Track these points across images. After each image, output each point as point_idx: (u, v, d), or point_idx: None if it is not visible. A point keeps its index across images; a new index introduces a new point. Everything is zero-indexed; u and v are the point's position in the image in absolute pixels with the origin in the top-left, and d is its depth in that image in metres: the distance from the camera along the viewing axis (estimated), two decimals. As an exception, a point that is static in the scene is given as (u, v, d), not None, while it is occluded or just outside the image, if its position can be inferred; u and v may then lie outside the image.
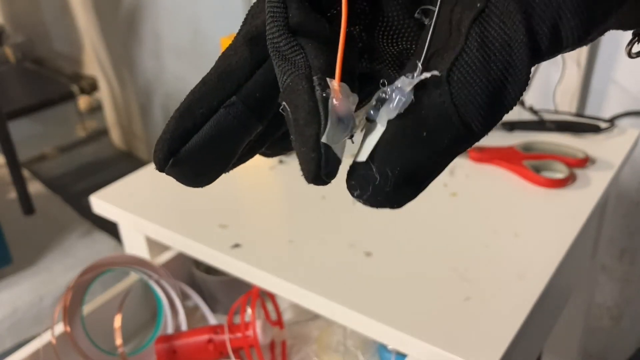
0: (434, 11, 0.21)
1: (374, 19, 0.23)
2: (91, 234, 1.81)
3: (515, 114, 1.00)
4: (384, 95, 0.20)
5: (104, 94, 2.69)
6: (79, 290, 0.75)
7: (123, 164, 2.58)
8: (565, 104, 1.19)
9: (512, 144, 0.89)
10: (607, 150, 0.88)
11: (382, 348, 0.79)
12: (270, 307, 0.85)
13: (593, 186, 0.81)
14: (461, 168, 0.86)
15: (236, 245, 0.72)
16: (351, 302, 0.63)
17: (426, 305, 0.62)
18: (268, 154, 0.28)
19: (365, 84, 0.24)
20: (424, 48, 0.20)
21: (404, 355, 0.66)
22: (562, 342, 1.14)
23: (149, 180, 0.88)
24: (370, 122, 0.20)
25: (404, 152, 0.20)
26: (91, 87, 2.79)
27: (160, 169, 0.23)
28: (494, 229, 0.73)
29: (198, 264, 0.88)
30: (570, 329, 1.11)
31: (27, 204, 1.68)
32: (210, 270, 0.89)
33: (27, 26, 3.05)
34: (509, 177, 0.83)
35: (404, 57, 0.24)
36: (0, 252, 1.56)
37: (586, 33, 0.20)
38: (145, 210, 0.81)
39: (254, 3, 0.24)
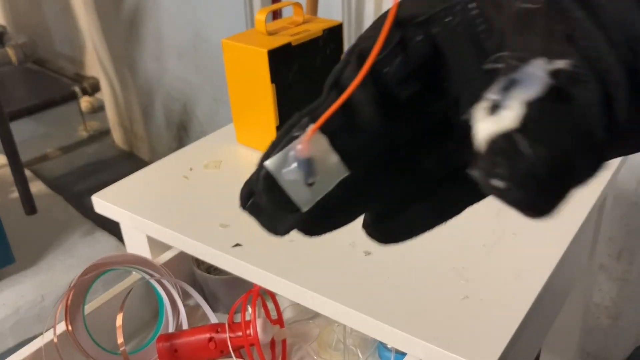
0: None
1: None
2: (93, 233, 1.82)
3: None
4: (514, 75, 0.18)
5: (105, 95, 2.70)
6: (81, 289, 0.76)
7: (125, 164, 2.58)
8: (564, 105, 1.19)
9: (511, 144, 0.89)
10: (605, 151, 0.89)
11: (381, 346, 0.79)
12: (270, 305, 0.85)
13: (591, 186, 0.81)
14: (460, 168, 0.86)
15: (237, 245, 0.73)
16: (351, 301, 0.63)
17: (425, 304, 0.63)
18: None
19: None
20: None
21: (403, 354, 0.66)
22: (561, 341, 1.14)
23: (150, 180, 0.89)
24: (493, 110, 0.18)
25: (558, 135, 0.17)
26: (93, 88, 2.79)
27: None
28: (492, 228, 0.73)
29: (199, 263, 0.89)
30: (569, 328, 1.11)
31: (29, 204, 1.68)
32: (211, 269, 0.90)
33: (29, 27, 3.05)
34: (508, 177, 0.84)
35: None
36: (2, 251, 1.57)
37: None
38: (146, 210, 0.81)
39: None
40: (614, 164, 0.86)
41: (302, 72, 0.90)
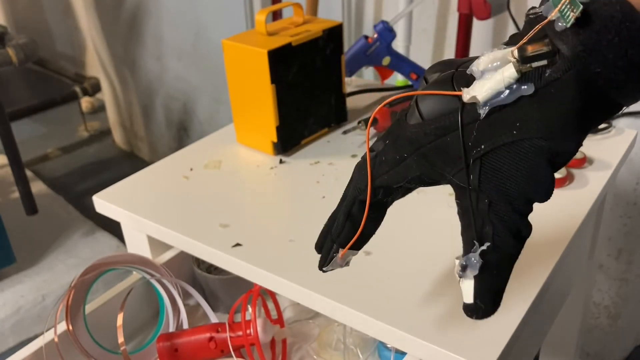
0: (470, 204, 0.39)
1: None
2: (93, 233, 1.82)
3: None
4: (465, 263, 0.38)
5: (106, 95, 2.70)
6: (82, 289, 0.76)
7: (125, 164, 2.59)
8: (564, 105, 1.19)
9: (511, 144, 0.89)
10: (605, 151, 0.89)
11: (381, 346, 0.79)
12: (270, 305, 0.86)
13: (590, 186, 0.81)
14: (460, 168, 0.87)
15: (237, 245, 0.73)
16: (351, 300, 0.64)
17: (425, 304, 0.63)
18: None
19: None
20: (472, 231, 0.39)
21: (403, 354, 0.67)
22: (560, 341, 1.15)
23: (151, 180, 0.89)
24: (461, 278, 0.39)
25: (491, 287, 0.38)
26: (93, 88, 2.80)
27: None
28: (492, 228, 0.73)
29: (199, 262, 0.89)
30: (568, 328, 1.12)
31: (30, 204, 1.69)
32: (211, 269, 0.90)
33: (30, 27, 3.06)
34: (507, 177, 0.84)
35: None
36: (3, 251, 1.57)
37: None
38: (147, 210, 0.82)
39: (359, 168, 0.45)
40: (613, 164, 0.86)
41: (302, 73, 0.90)
